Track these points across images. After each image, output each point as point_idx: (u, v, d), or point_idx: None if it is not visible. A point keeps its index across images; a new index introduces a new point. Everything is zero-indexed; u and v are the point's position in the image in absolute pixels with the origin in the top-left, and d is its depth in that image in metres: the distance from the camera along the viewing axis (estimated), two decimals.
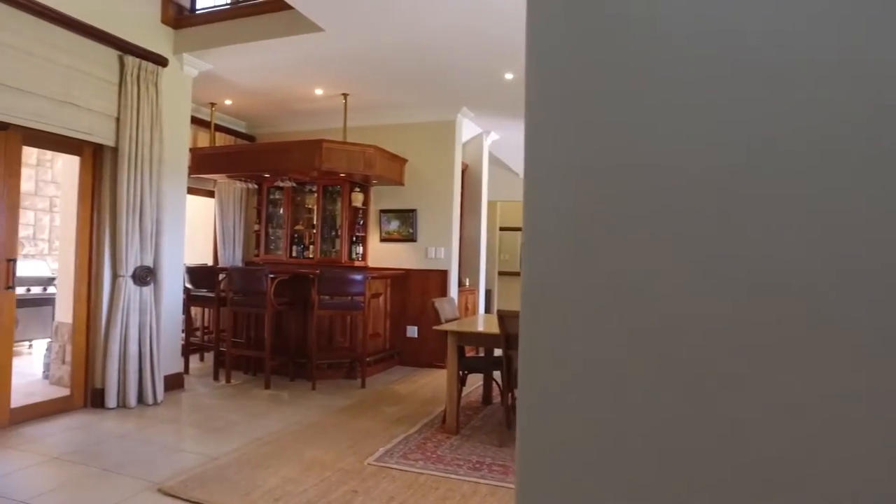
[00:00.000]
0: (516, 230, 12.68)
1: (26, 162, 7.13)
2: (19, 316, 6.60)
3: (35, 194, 7.23)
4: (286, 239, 6.78)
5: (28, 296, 6.51)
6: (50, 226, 7.30)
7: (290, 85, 5.78)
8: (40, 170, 7.24)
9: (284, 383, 5.34)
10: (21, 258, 7.13)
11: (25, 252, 7.16)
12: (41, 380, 5.29)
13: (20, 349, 6.72)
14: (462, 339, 3.95)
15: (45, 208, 7.28)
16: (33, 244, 7.20)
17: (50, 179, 7.31)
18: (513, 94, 5.75)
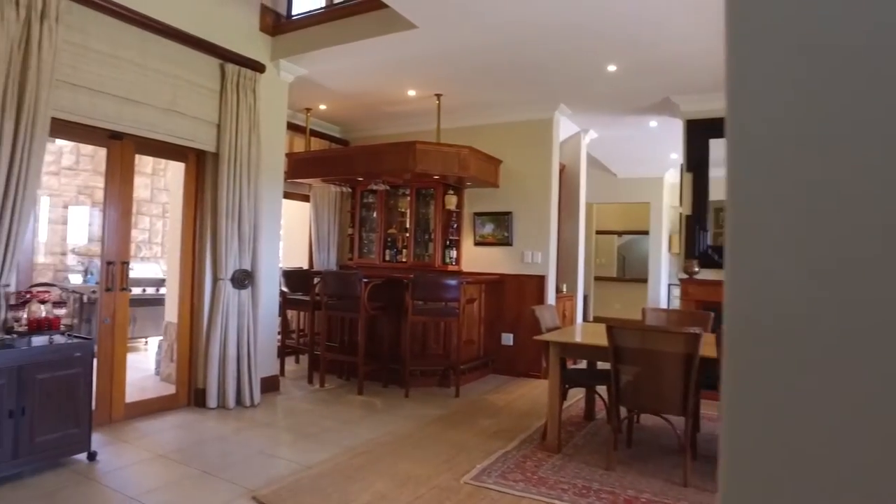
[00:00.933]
0: (612, 234, 12.07)
1: (142, 171, 7.59)
2: (136, 314, 7.01)
3: (150, 201, 7.68)
4: (379, 243, 6.74)
5: (143, 296, 6.90)
6: (162, 230, 7.73)
7: (383, 87, 5.72)
8: (154, 178, 7.68)
9: (377, 389, 5.25)
10: (138, 261, 7.61)
11: (142, 255, 7.63)
12: (153, 375, 5.55)
13: (137, 345, 7.15)
14: (565, 351, 3.65)
15: (158, 214, 7.71)
16: (148, 247, 7.65)
17: (163, 187, 7.74)
18: (616, 87, 5.36)
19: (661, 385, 3.17)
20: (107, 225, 3.93)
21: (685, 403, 3.14)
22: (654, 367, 3.18)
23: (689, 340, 3.07)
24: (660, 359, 3.15)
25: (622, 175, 9.91)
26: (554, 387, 3.68)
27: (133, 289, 6.93)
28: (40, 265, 6.84)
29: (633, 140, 7.49)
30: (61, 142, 7.20)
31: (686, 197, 5.49)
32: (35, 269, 6.77)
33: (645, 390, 3.23)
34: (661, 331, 3.25)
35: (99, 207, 7.57)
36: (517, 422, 4.39)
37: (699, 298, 5.29)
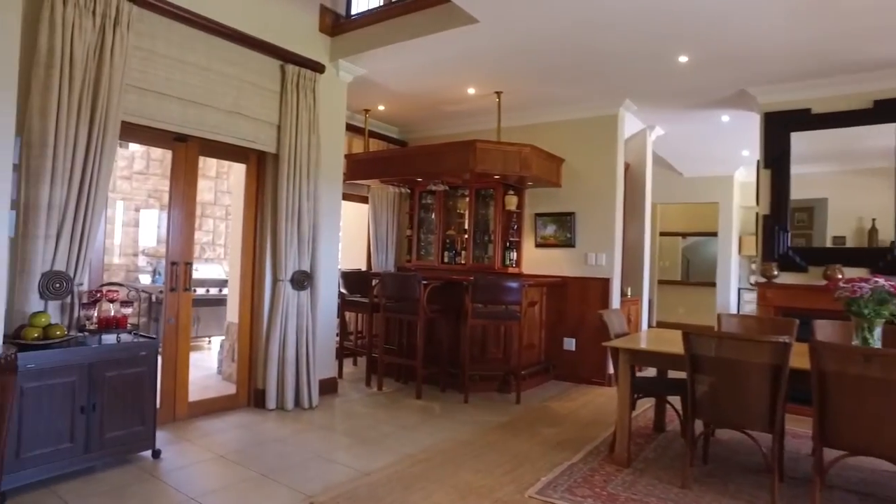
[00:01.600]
0: (677, 235, 11.57)
1: (207, 174, 7.80)
2: (200, 314, 7.19)
3: (214, 203, 7.88)
4: (438, 244, 6.66)
5: (207, 296, 7.08)
6: (225, 232, 7.91)
7: (443, 86, 5.62)
8: (218, 181, 7.87)
9: (435, 394, 5.15)
10: (202, 262, 7.81)
11: (206, 256, 7.83)
12: (216, 374, 5.65)
13: (201, 345, 7.34)
14: (636, 359, 3.43)
15: (221, 216, 7.90)
16: (212, 249, 7.84)
17: (226, 190, 7.93)
18: (686, 80, 5.07)
19: (745, 398, 2.92)
20: (171, 226, 3.99)
21: (772, 418, 2.88)
22: (736, 379, 2.92)
23: (778, 350, 2.81)
24: (743, 369, 2.89)
25: (688, 174, 9.46)
26: (624, 396, 3.47)
27: (197, 289, 7.13)
28: (115, 266, 7.11)
29: (703, 136, 7.11)
30: (133, 147, 7.48)
31: (763, 195, 5.13)
32: (108, 269, 7.06)
33: (725, 403, 2.98)
34: (746, 339, 2.98)
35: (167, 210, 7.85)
36: (582, 432, 4.18)
37: (778, 304, 4.93)
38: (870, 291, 3.00)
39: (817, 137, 4.90)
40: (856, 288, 3.03)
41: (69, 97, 3.15)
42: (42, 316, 2.98)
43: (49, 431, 2.87)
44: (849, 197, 4.89)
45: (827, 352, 2.72)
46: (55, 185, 3.11)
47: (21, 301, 3.05)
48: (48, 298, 3.13)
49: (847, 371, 2.64)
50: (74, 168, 3.18)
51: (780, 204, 5.00)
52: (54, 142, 3.09)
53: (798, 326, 3.83)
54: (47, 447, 2.87)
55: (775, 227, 5.00)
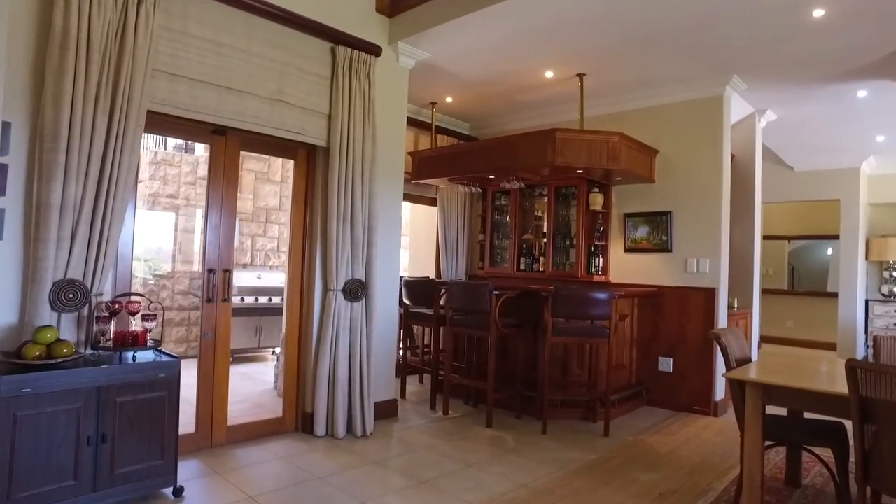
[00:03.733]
0: (782, 238, 10.22)
1: (272, 178, 7.51)
2: (263, 324, 6.90)
3: (279, 209, 7.58)
4: (513, 250, 5.98)
5: (270, 305, 6.75)
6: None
7: (516, 69, 4.96)
8: (283, 186, 7.58)
9: (509, 421, 4.46)
10: (268, 269, 7.53)
11: (272, 263, 7.54)
12: (272, 389, 5.25)
13: (265, 356, 7.03)
14: (771, 396, 2.60)
15: (286, 222, 7.59)
16: (277, 256, 7.55)
17: (289, 195, 7.61)
18: (819, 43, 4.12)
19: None
20: (208, 230, 3.56)
21: None
22: None
23: None
24: None
25: (801, 168, 8.22)
26: (754, 444, 2.64)
27: (260, 298, 6.83)
28: (179, 273, 6.94)
29: (827, 120, 6.01)
30: (199, 151, 7.32)
31: None
32: (173, 277, 6.89)
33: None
34: None
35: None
36: (689, 480, 3.36)
37: None
38: None
39: None
40: None
41: (86, 82, 2.77)
42: (48, 331, 2.58)
43: (49, 467, 2.45)
44: None
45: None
46: (69, 181, 2.73)
47: (31, 313, 2.68)
48: (60, 310, 2.74)
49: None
50: (91, 162, 2.80)
51: None
52: (69, 133, 2.72)
53: None
54: (46, 485, 2.44)
55: None
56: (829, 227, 8.72)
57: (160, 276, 6.94)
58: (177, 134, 3.93)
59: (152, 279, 6.91)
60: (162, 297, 6.76)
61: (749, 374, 2.71)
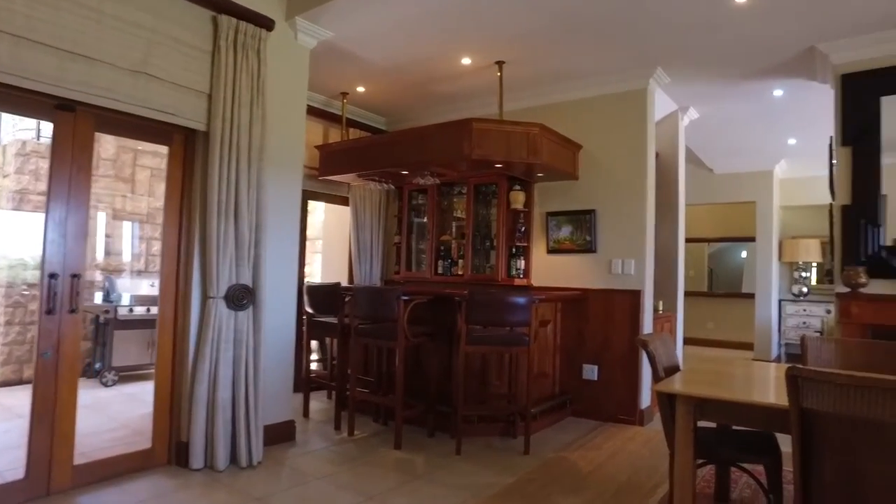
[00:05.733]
0: (702, 241, 10.36)
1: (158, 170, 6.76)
2: (156, 338, 6.14)
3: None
4: (431, 253, 5.57)
5: (149, 315, 6.02)
6: None
7: (431, 55, 4.56)
8: None
9: (421, 440, 4.02)
10: (155, 276, 6.76)
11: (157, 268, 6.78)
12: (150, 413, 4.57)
13: (149, 374, 6.27)
14: (706, 411, 2.28)
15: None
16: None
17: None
18: (739, 35, 3.97)
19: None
20: (50, 225, 2.92)
21: None
22: (889, 454, 1.78)
23: None
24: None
25: (721, 170, 8.31)
26: (685, 464, 2.33)
27: (153, 308, 6.07)
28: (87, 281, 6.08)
29: (745, 120, 5.99)
30: None
31: (842, 181, 3.99)
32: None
33: (869, 494, 1.83)
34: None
35: (125, 219, 6.82)
36: (615, 501, 3.03)
37: (868, 321, 3.77)
38: None
39: None
40: None
41: None
42: None
43: None
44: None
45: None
46: None
47: None
48: None
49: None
50: None
51: (866, 191, 3.85)
52: None
53: None
54: None
55: (861, 220, 3.85)
56: (746, 229, 8.86)
57: (33, 285, 6.05)
58: (7, 107, 3.24)
59: (27, 289, 6.02)
60: (32, 310, 5.88)
61: (680, 385, 2.39)
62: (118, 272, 6.45)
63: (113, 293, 6.16)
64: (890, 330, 3.63)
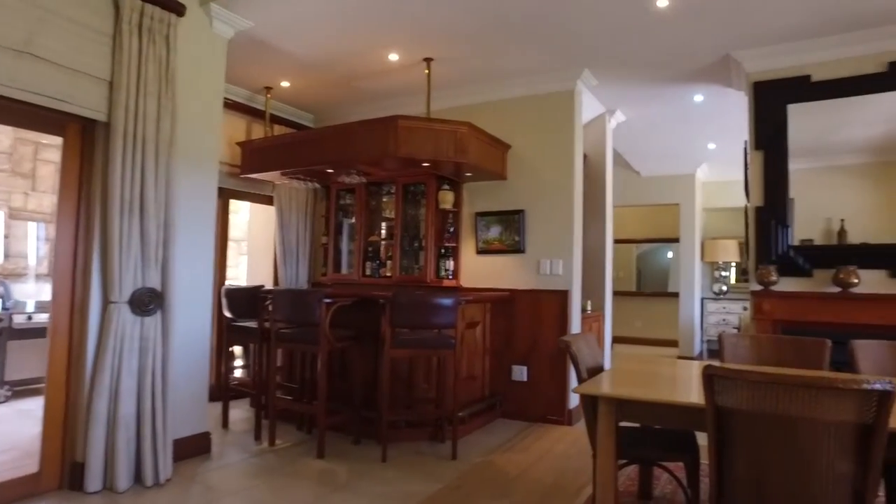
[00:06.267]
0: (630, 242, 10.68)
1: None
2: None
3: None
4: (359, 253, 5.40)
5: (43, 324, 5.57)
6: None
7: (357, 51, 4.42)
8: None
9: (346, 448, 3.87)
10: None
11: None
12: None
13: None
14: (627, 411, 2.26)
15: None
16: None
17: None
18: (661, 39, 4.05)
19: (809, 482, 1.79)
20: None
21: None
22: (793, 448, 1.80)
23: (868, 401, 1.70)
24: (805, 433, 1.77)
25: (647, 173, 8.57)
26: (607, 465, 2.30)
27: (39, 316, 5.58)
28: None
29: (668, 124, 6.16)
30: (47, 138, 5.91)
31: (755, 183, 4.14)
32: None
33: (775, 487, 1.85)
34: (814, 384, 1.85)
35: (26, 218, 6.28)
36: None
37: (780, 317, 3.93)
38: None
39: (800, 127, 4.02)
40: None
41: None
42: None
43: None
44: (815, 197, 4.03)
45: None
46: None
47: None
48: None
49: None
50: None
51: (776, 193, 4.02)
52: None
53: (831, 349, 2.80)
54: None
55: (772, 221, 4.01)
56: (671, 230, 9.18)
57: None
58: None
59: None
60: None
61: (601, 386, 2.37)
62: (16, 276, 5.93)
63: (8, 300, 5.65)
64: (798, 325, 3.79)
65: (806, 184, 4.07)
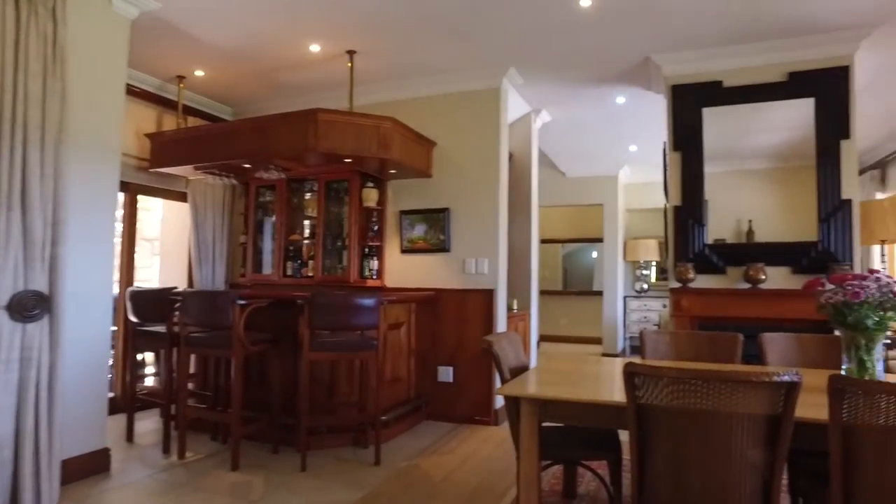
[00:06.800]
0: (556, 242, 10.90)
1: None
2: None
3: None
4: (279, 253, 5.17)
5: None
6: None
7: (276, 40, 4.21)
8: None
9: (264, 457, 3.66)
10: None
11: None
12: None
13: None
14: (549, 413, 2.21)
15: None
16: None
17: None
18: (584, 40, 4.09)
19: (723, 473, 1.80)
20: None
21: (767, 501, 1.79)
22: (709, 441, 1.80)
23: (778, 393, 1.73)
24: (721, 426, 1.78)
25: (572, 174, 8.74)
26: (531, 466, 2.24)
27: None
28: None
29: (592, 125, 6.27)
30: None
31: (673, 183, 4.26)
32: None
33: (694, 482, 1.85)
34: (730, 379, 1.86)
35: None
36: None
37: (697, 313, 4.05)
38: (878, 292, 2.05)
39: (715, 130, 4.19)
40: (857, 289, 2.06)
41: None
42: None
43: None
44: (727, 199, 4.22)
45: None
46: None
47: None
48: None
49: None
50: None
51: (693, 193, 4.15)
52: None
53: (743, 343, 2.88)
54: None
55: (689, 220, 4.13)
56: (596, 230, 9.40)
57: None
58: None
59: None
60: None
61: (524, 387, 2.32)
62: None
63: None
64: (713, 321, 3.92)
65: (719, 186, 4.22)
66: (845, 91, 3.89)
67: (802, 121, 4.02)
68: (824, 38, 3.91)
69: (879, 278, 2.09)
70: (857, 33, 3.85)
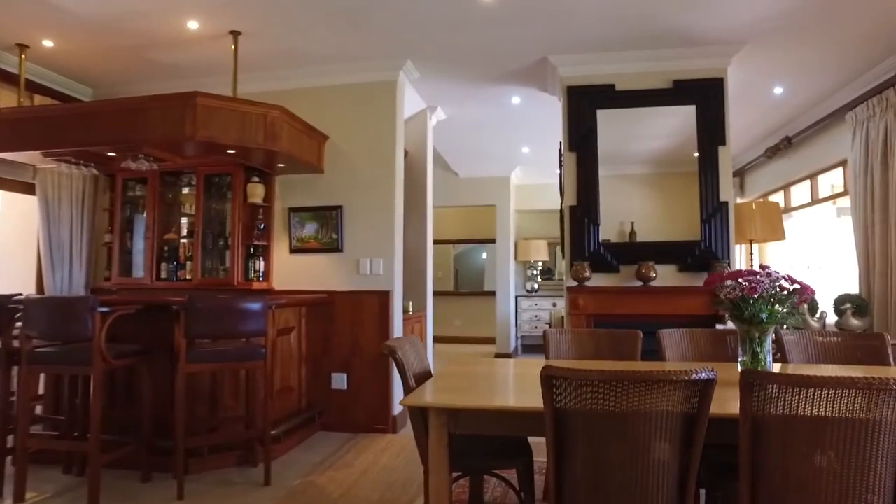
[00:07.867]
0: (448, 243, 10.91)
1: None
2: None
3: None
4: (151, 253, 4.63)
5: None
6: None
7: (148, 11, 3.72)
8: None
9: (132, 488, 3.20)
10: None
11: None
12: None
13: None
14: (459, 423, 2.05)
15: None
16: None
17: None
18: (483, 36, 4.02)
19: (640, 472, 1.75)
20: None
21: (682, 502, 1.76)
22: (627, 442, 1.75)
23: (694, 391, 1.70)
24: (638, 426, 1.72)
25: (465, 174, 8.75)
26: (441, 480, 2.08)
27: None
28: None
29: (487, 124, 6.27)
30: None
31: (570, 183, 4.32)
32: None
33: (613, 483, 1.78)
34: (650, 379, 1.80)
35: None
36: None
37: (593, 311, 4.12)
38: (770, 287, 2.12)
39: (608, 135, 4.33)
40: (754, 283, 2.11)
41: None
42: None
43: None
44: (611, 202, 4.38)
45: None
46: None
47: None
48: None
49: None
50: None
51: (588, 192, 4.22)
52: None
53: (643, 339, 2.93)
54: None
55: (585, 219, 4.20)
56: (485, 232, 9.50)
57: None
58: None
59: None
60: None
61: (432, 396, 2.15)
62: None
63: None
64: (608, 318, 4.00)
65: (606, 189, 4.33)
66: (721, 101, 4.15)
67: (680, 129, 4.24)
68: (703, 51, 4.15)
69: (770, 273, 2.17)
70: (730, 49, 4.12)
